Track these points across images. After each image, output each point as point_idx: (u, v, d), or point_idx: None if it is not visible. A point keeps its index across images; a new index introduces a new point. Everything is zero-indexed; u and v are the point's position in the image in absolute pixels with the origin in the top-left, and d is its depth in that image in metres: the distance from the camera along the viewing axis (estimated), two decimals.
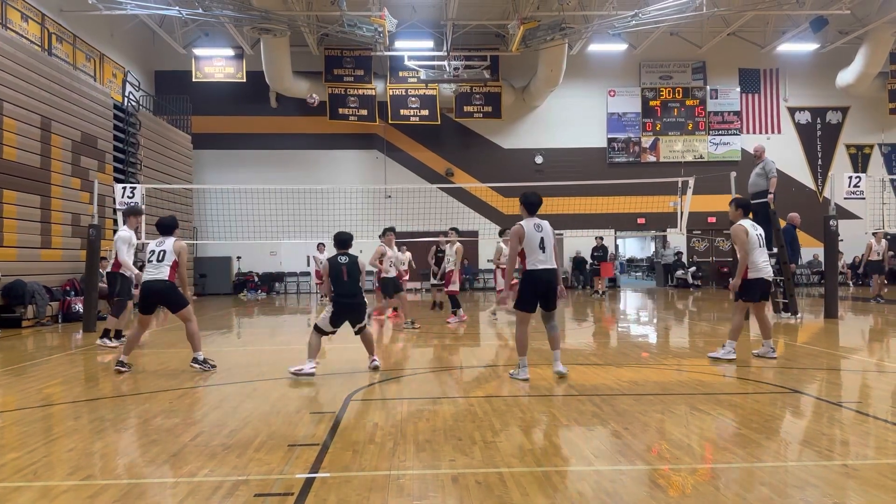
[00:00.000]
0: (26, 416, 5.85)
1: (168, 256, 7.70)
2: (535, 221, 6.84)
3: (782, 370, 7.36)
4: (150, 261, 7.71)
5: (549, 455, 4.34)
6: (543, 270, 6.75)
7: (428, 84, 24.38)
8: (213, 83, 24.81)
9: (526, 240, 6.76)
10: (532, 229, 6.77)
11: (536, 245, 6.75)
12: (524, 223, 6.83)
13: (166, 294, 7.72)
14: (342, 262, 7.44)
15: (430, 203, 21.17)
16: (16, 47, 14.24)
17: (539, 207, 6.94)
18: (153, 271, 7.69)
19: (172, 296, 7.77)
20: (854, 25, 23.75)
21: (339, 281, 7.41)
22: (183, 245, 7.84)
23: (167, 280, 7.68)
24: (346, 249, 7.58)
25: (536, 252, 6.75)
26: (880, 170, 26.94)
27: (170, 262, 7.69)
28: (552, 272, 6.80)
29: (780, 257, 12.70)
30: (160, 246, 7.75)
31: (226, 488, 3.77)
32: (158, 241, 7.82)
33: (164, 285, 7.68)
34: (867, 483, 3.76)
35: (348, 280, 7.40)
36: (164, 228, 7.93)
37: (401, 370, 7.76)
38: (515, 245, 6.83)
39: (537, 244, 6.75)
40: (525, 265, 6.81)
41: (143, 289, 7.76)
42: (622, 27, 20.74)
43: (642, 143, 26.91)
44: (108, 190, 16.05)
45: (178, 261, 7.76)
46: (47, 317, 13.80)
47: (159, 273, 7.67)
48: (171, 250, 7.72)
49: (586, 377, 7.25)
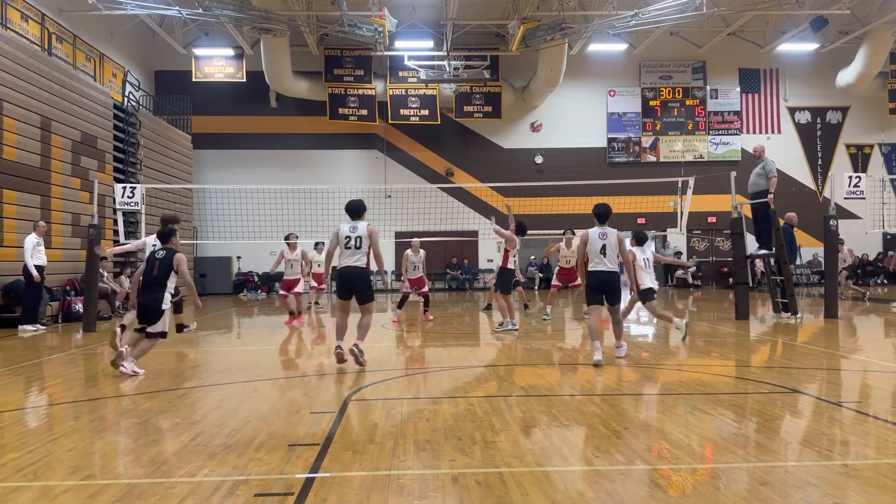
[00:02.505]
0: (26, 416, 5.85)
1: (364, 242, 7.60)
2: (601, 230, 7.86)
3: (782, 370, 7.36)
4: (348, 247, 7.59)
5: (549, 455, 4.34)
6: (603, 272, 7.77)
7: (428, 84, 24.37)
8: (213, 83, 24.81)
9: (589, 244, 7.82)
10: (596, 237, 7.81)
11: (598, 250, 7.76)
12: (590, 231, 7.91)
13: (362, 280, 7.63)
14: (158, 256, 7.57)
15: (430, 203, 21.16)
16: (16, 47, 14.23)
17: (607, 217, 7.97)
18: (349, 259, 7.57)
19: (366, 283, 7.69)
20: (854, 25, 23.74)
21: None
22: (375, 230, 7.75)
23: (364, 267, 7.61)
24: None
25: (597, 256, 7.76)
26: (880, 170, 26.94)
27: (366, 249, 7.60)
28: (612, 273, 7.78)
29: (780, 257, 12.71)
30: (354, 232, 7.62)
31: (226, 488, 3.77)
32: (351, 227, 7.67)
33: (360, 272, 7.59)
34: (867, 483, 3.75)
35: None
36: (354, 213, 7.78)
37: (400, 370, 7.76)
38: (582, 249, 7.95)
39: (599, 249, 7.75)
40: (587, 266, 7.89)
41: (340, 275, 7.65)
42: (622, 27, 20.74)
43: (642, 142, 26.92)
44: (108, 190, 16.05)
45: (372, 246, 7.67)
46: (47, 317, 13.80)
47: (357, 260, 7.56)
48: (366, 235, 7.61)
49: (586, 377, 7.25)
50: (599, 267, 7.78)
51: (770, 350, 9.28)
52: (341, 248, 7.65)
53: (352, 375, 7.51)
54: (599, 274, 7.79)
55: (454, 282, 25.70)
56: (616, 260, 7.83)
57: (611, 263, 7.78)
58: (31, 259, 12.32)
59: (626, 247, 8.38)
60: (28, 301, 12.71)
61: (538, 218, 20.04)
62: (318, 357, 8.84)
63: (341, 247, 7.64)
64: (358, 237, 7.57)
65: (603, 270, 7.77)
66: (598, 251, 7.76)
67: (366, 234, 7.58)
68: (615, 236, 7.85)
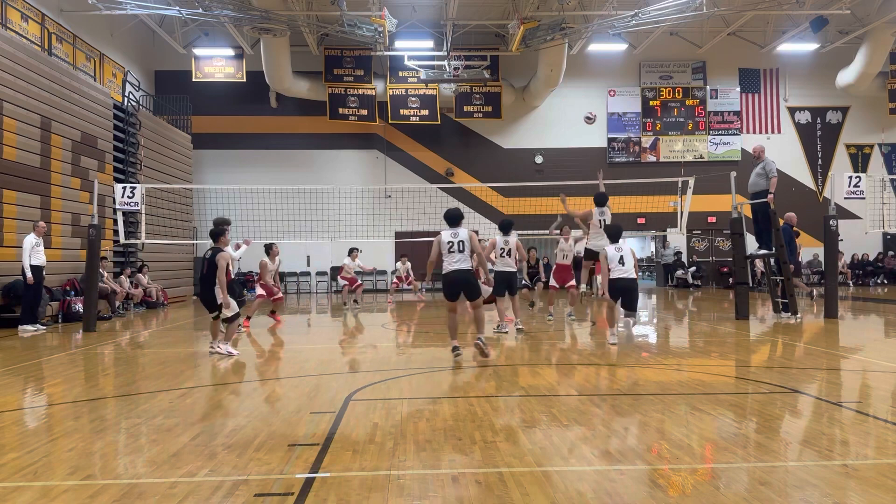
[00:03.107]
0: (26, 416, 5.85)
1: (467, 246, 8.07)
2: (617, 245, 9.38)
3: (782, 370, 7.37)
4: (452, 252, 8.07)
5: (549, 455, 4.34)
6: (622, 279, 9.21)
7: (428, 84, 24.36)
8: (213, 83, 24.80)
9: (609, 259, 9.32)
10: (613, 252, 9.33)
11: (616, 261, 9.27)
12: (608, 248, 9.41)
13: (469, 281, 8.11)
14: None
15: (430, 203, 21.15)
16: (16, 47, 14.22)
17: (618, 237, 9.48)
18: (456, 262, 8.04)
19: (473, 283, 8.21)
20: (854, 25, 23.74)
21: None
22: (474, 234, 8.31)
23: (470, 269, 8.15)
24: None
25: (616, 265, 9.27)
26: (880, 170, 26.93)
27: (469, 252, 8.10)
28: (630, 280, 9.23)
29: (780, 257, 12.70)
30: (456, 237, 8.10)
31: (226, 488, 3.77)
32: (453, 233, 8.14)
33: (467, 274, 8.10)
34: (867, 483, 3.76)
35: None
36: (454, 220, 8.26)
37: (400, 370, 7.76)
38: (604, 264, 9.37)
39: (617, 260, 9.25)
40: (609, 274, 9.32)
41: (448, 279, 8.11)
42: (622, 27, 20.74)
43: (642, 142, 26.91)
44: (108, 190, 16.05)
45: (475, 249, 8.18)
46: (47, 317, 13.80)
47: (463, 263, 8.05)
48: (468, 239, 8.10)
49: (587, 377, 7.26)
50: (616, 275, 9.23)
51: (770, 350, 9.28)
52: (445, 253, 8.15)
53: (352, 375, 7.51)
54: (616, 281, 9.25)
55: None
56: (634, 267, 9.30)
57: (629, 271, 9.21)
58: (28, 259, 12.32)
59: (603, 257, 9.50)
60: (27, 301, 12.71)
61: (538, 218, 20.06)
62: (318, 357, 8.84)
63: (445, 252, 8.15)
64: (460, 241, 8.09)
65: (619, 278, 9.22)
66: (617, 262, 9.20)
67: (467, 238, 8.11)
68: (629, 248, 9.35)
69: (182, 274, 22.54)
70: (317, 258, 25.37)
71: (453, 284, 8.13)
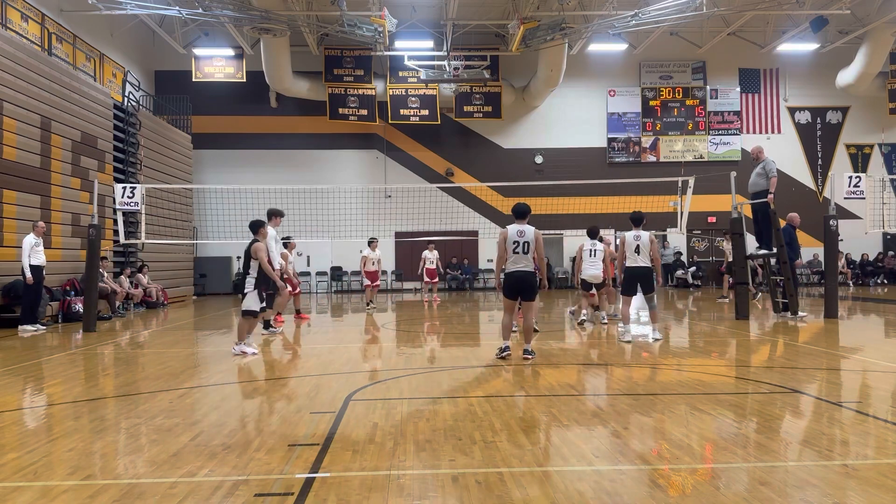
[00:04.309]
0: (26, 416, 5.85)
1: (531, 247, 8.05)
2: (636, 233, 9.56)
3: (782, 370, 7.37)
4: (517, 252, 8.01)
5: (549, 455, 4.34)
6: (636, 267, 9.62)
7: (428, 84, 24.36)
8: (213, 83, 24.80)
9: (627, 245, 9.59)
10: (631, 239, 9.54)
11: (633, 250, 9.52)
12: (627, 234, 9.65)
13: (531, 283, 8.09)
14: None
15: (430, 203, 21.18)
16: (16, 47, 14.23)
17: (641, 223, 9.67)
18: (520, 264, 8.00)
19: (534, 285, 8.19)
20: (854, 25, 23.74)
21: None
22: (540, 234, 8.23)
23: (533, 272, 8.13)
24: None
25: (632, 254, 9.55)
26: (880, 170, 26.94)
27: (532, 253, 8.08)
28: (644, 268, 9.57)
29: (780, 257, 12.70)
30: (522, 237, 8.04)
31: (226, 488, 3.77)
32: (519, 232, 8.08)
33: (530, 276, 8.06)
34: (867, 483, 3.76)
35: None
36: (521, 215, 8.20)
37: (400, 370, 7.76)
38: (622, 250, 9.67)
39: (633, 249, 9.51)
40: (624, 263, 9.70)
41: (510, 278, 8.08)
42: (622, 27, 20.74)
43: (642, 142, 26.91)
44: (108, 190, 16.05)
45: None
46: (47, 317, 13.80)
47: (527, 265, 8.03)
48: (533, 240, 8.04)
49: (586, 377, 7.26)
50: (632, 263, 9.56)
51: (770, 350, 9.28)
52: (510, 252, 8.04)
53: (352, 375, 7.51)
54: (633, 269, 9.58)
55: (454, 282, 25.70)
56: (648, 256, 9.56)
57: (644, 260, 9.53)
58: (27, 259, 12.31)
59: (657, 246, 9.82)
60: (27, 301, 12.72)
61: (538, 218, 19.99)
62: (317, 357, 8.84)
63: (510, 251, 8.04)
64: (526, 242, 8.01)
65: (635, 266, 9.58)
66: (633, 250, 9.46)
67: (533, 239, 8.03)
68: (647, 237, 9.58)
69: (182, 274, 22.54)
70: (317, 258, 25.38)
71: (514, 284, 8.07)
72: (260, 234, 9.21)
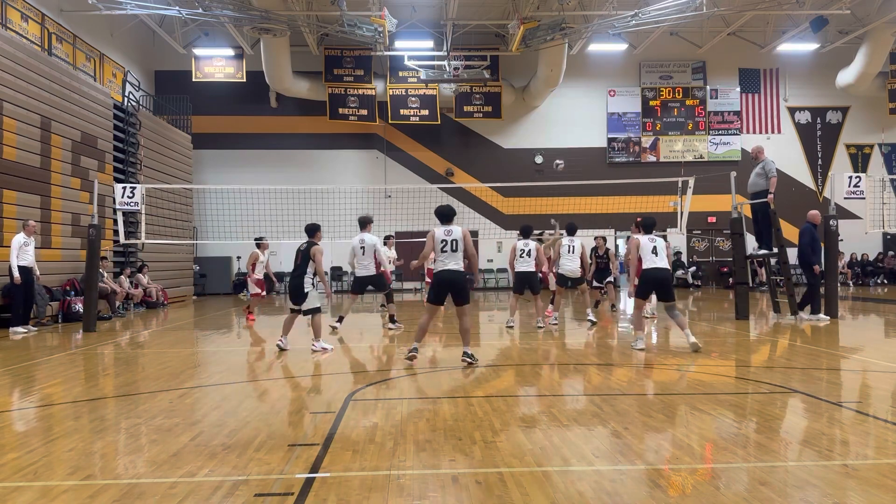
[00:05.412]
0: (26, 416, 5.85)
1: (460, 245, 7.79)
2: (650, 236, 9.07)
3: (782, 370, 7.37)
4: (444, 251, 7.78)
5: (549, 455, 4.34)
6: (655, 269, 8.89)
7: (428, 84, 24.37)
8: (213, 83, 24.80)
9: (642, 248, 8.99)
10: (647, 241, 9.01)
11: (649, 251, 8.92)
12: (641, 237, 9.10)
13: (460, 283, 7.77)
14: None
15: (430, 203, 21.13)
16: (16, 47, 14.22)
17: (653, 228, 9.27)
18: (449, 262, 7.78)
19: (465, 286, 7.82)
20: (854, 25, 23.74)
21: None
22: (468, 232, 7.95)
23: (463, 270, 7.83)
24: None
25: (649, 256, 8.91)
26: (880, 170, 26.94)
27: (462, 252, 7.80)
28: (664, 271, 8.93)
29: (781, 257, 12.70)
30: (450, 235, 7.79)
31: (226, 488, 3.77)
32: (446, 231, 7.81)
33: (459, 275, 7.78)
34: (867, 483, 3.76)
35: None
36: (446, 218, 7.96)
37: (400, 370, 7.76)
38: (635, 252, 9.09)
39: (650, 251, 8.92)
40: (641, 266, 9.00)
41: (438, 279, 7.84)
42: (622, 27, 20.74)
43: (642, 142, 26.91)
44: (108, 190, 16.05)
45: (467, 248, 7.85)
46: (47, 317, 13.80)
47: (456, 264, 7.77)
48: (461, 238, 7.81)
49: (586, 377, 7.26)
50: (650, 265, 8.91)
51: (770, 350, 9.28)
52: (438, 251, 7.81)
53: (352, 375, 7.51)
54: (651, 272, 8.91)
55: None
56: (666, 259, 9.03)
57: (662, 262, 8.93)
58: (14, 259, 12.01)
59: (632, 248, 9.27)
60: (17, 302, 12.32)
61: (538, 218, 20.05)
62: (316, 357, 8.84)
63: (437, 251, 7.82)
64: (454, 240, 7.77)
65: (654, 268, 8.89)
66: (650, 252, 8.93)
67: (461, 237, 7.79)
68: (663, 241, 9.11)
69: (182, 274, 22.54)
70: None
71: (442, 285, 7.84)
72: (316, 238, 9.50)
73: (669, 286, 8.97)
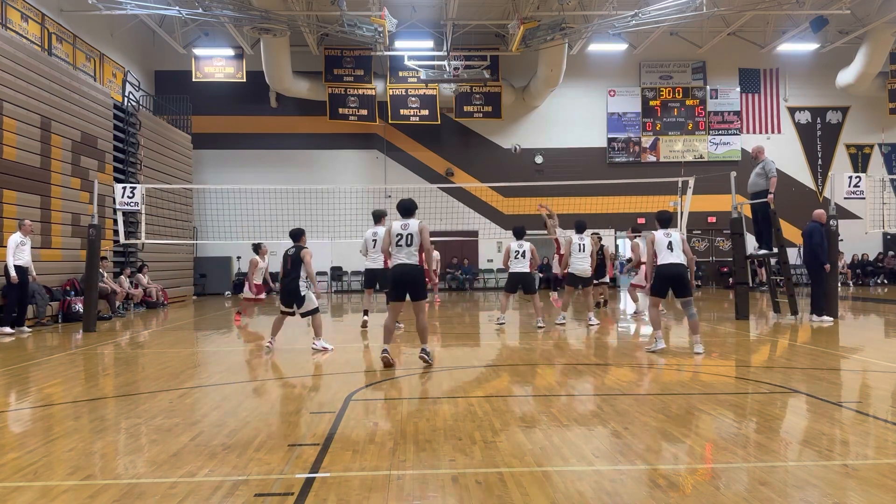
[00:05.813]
0: (26, 416, 5.85)
1: (415, 240, 7.58)
2: (666, 231, 8.84)
3: (782, 370, 7.37)
4: (399, 245, 7.58)
5: (549, 455, 4.34)
6: (669, 265, 8.63)
7: (428, 84, 24.37)
8: (213, 83, 24.81)
9: (657, 243, 8.78)
10: (661, 236, 8.77)
11: (665, 247, 8.69)
12: (656, 232, 8.87)
13: (416, 279, 7.59)
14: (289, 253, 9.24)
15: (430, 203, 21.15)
16: (16, 47, 14.23)
17: (668, 223, 9.01)
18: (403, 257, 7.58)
19: (421, 281, 7.62)
20: (854, 25, 23.74)
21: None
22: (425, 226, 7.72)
23: (418, 265, 7.62)
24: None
25: (664, 252, 8.67)
26: (880, 170, 26.94)
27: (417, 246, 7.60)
28: (679, 266, 8.62)
29: (781, 257, 12.71)
30: (406, 229, 7.60)
31: (226, 488, 3.77)
32: (403, 225, 7.64)
33: (414, 269, 7.58)
34: (867, 483, 3.76)
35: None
36: (406, 211, 7.77)
37: (401, 370, 7.76)
38: (650, 247, 8.89)
39: (665, 246, 8.70)
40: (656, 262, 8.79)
41: (393, 273, 7.65)
42: (622, 27, 20.74)
43: (642, 142, 26.91)
44: (108, 190, 16.05)
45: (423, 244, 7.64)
46: (47, 317, 13.80)
47: (410, 258, 7.58)
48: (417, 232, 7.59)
49: (586, 377, 7.25)
50: (665, 261, 8.65)
51: (770, 350, 9.28)
52: (394, 245, 7.66)
53: (352, 375, 7.51)
54: (666, 267, 8.64)
55: (454, 282, 25.70)
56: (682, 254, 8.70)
57: (678, 258, 8.63)
58: (11, 258, 11.93)
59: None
60: (11, 302, 12.11)
61: (538, 218, 20.05)
62: (317, 357, 8.84)
63: (393, 244, 7.66)
64: (409, 234, 7.58)
65: (669, 264, 8.62)
66: (665, 247, 8.69)
67: (417, 232, 7.59)
68: (678, 235, 8.84)
69: (182, 274, 22.54)
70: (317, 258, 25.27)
71: (396, 280, 7.62)
72: (302, 241, 9.56)
73: (685, 281, 8.66)
